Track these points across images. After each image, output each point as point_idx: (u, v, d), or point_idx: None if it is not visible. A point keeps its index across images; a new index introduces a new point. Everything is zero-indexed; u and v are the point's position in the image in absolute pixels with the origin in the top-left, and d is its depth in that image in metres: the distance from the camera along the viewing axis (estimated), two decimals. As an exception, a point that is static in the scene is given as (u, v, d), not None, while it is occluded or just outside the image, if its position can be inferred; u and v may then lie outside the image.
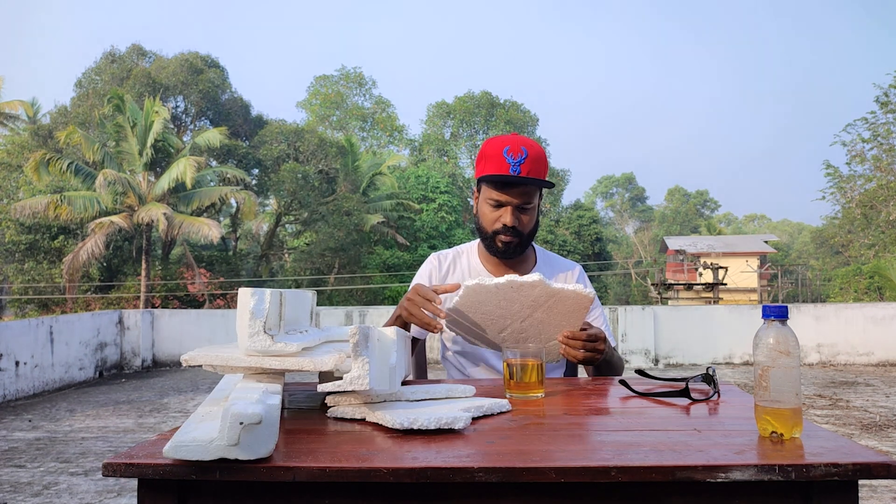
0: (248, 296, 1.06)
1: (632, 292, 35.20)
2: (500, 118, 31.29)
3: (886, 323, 10.76)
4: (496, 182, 1.66)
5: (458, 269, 1.84)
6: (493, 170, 1.65)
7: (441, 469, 0.84)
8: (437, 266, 1.85)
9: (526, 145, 1.65)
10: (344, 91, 34.48)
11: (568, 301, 1.43)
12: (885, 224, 17.65)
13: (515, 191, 1.66)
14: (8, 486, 4.58)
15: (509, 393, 1.30)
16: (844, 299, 20.79)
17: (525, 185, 1.66)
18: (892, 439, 5.73)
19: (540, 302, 1.43)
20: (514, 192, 1.66)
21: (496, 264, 1.80)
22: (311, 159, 22.70)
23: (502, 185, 1.66)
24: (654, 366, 10.88)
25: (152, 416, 7.10)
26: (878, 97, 17.51)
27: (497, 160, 1.64)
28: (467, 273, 1.82)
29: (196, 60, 22.85)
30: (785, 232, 59.95)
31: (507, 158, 1.63)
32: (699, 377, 1.35)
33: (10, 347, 8.43)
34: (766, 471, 0.83)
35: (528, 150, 1.64)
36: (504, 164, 1.63)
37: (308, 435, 1.02)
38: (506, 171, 1.63)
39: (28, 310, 19.22)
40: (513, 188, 1.66)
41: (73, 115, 20.88)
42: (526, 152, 1.64)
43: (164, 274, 19.37)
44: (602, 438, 0.98)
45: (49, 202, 16.11)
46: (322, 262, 22.72)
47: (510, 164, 1.63)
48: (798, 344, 0.96)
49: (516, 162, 1.63)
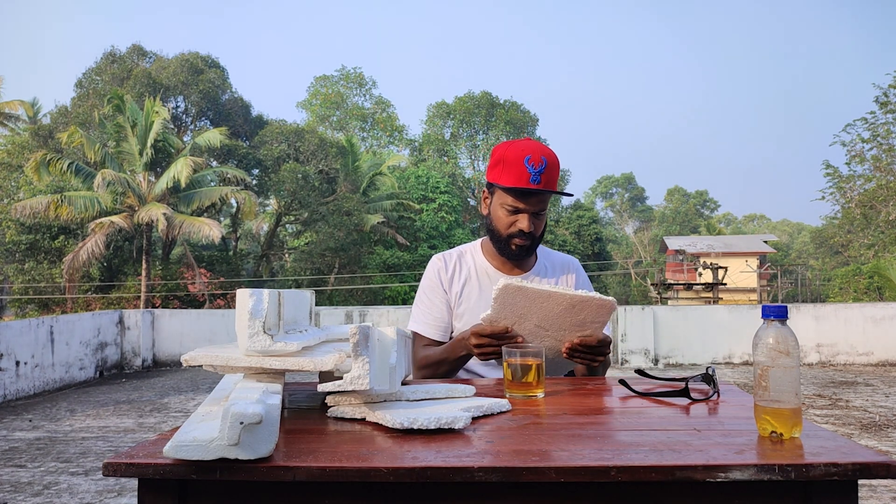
0: (247, 296, 1.06)
1: (631, 292, 35.20)
2: (500, 118, 31.29)
3: (886, 323, 10.76)
4: (517, 192, 1.67)
5: (464, 268, 1.86)
6: (514, 178, 1.66)
7: (441, 469, 0.84)
8: (444, 266, 1.87)
9: (545, 154, 1.66)
10: (344, 91, 34.49)
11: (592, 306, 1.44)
12: (885, 224, 17.65)
13: (533, 199, 1.68)
14: (8, 486, 4.58)
15: (509, 393, 1.30)
16: (844, 299, 20.80)
17: (543, 195, 1.69)
18: (891, 439, 5.73)
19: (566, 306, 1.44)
20: (533, 201, 1.69)
21: (502, 262, 1.83)
22: (312, 159, 22.70)
23: (522, 194, 1.67)
24: (654, 366, 10.88)
25: (152, 416, 7.10)
26: (878, 97, 17.54)
27: (517, 169, 1.65)
28: (473, 271, 1.85)
29: (196, 60, 22.84)
30: (785, 232, 59.95)
31: (528, 168, 1.64)
32: (699, 377, 1.35)
33: (11, 347, 8.43)
34: (765, 470, 0.83)
35: (547, 160, 1.65)
36: (525, 174, 1.64)
37: (308, 435, 1.02)
38: (526, 180, 1.64)
39: (28, 310, 19.22)
40: (531, 197, 1.68)
41: (74, 116, 20.88)
42: (546, 162, 1.65)
43: (164, 274, 19.37)
44: (602, 438, 0.98)
45: (49, 202, 16.11)
46: (322, 262, 22.72)
47: (531, 174, 1.64)
48: (798, 344, 0.96)
49: (537, 172, 1.64)
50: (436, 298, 1.83)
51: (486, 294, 1.81)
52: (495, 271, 1.83)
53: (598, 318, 1.46)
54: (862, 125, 18.03)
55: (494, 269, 1.83)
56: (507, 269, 1.83)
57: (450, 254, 1.90)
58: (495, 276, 1.82)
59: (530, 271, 1.83)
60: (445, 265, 1.87)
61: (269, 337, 1.05)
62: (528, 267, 1.84)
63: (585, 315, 1.45)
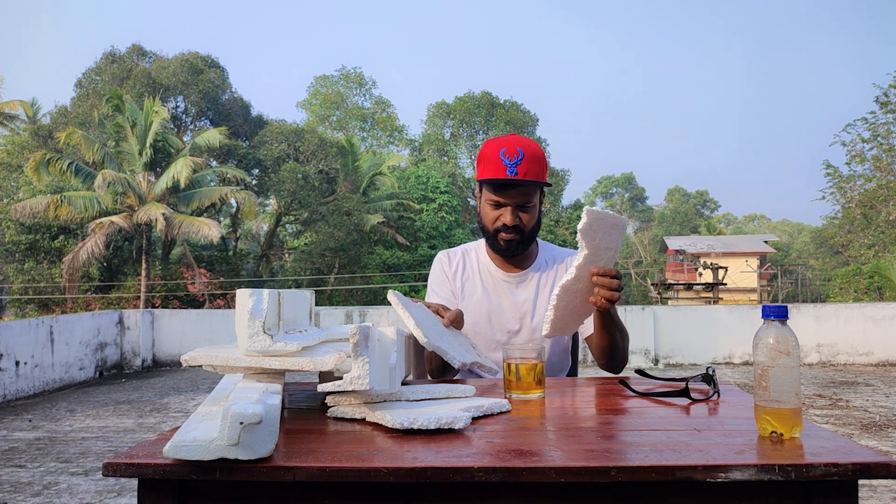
0: (247, 296, 1.06)
1: (632, 292, 35.18)
2: (500, 118, 31.27)
3: (886, 323, 10.76)
4: (494, 184, 1.67)
5: (467, 266, 1.87)
6: (491, 172, 1.66)
7: (441, 469, 0.84)
8: (448, 262, 1.89)
9: (522, 146, 1.66)
10: (344, 91, 34.48)
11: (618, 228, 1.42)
12: (885, 224, 17.65)
13: (513, 192, 1.68)
14: (8, 486, 4.58)
15: (509, 393, 1.30)
16: (844, 299, 20.79)
17: (522, 186, 1.68)
18: (891, 439, 5.73)
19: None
20: (512, 194, 1.68)
21: (503, 260, 1.84)
22: (312, 159, 22.69)
23: (500, 187, 1.68)
24: (654, 366, 10.88)
25: (152, 416, 7.10)
26: (878, 97, 17.53)
27: (494, 162, 1.66)
28: (477, 268, 1.86)
29: (196, 60, 22.84)
30: (785, 232, 59.94)
31: (503, 161, 1.64)
32: (699, 377, 1.35)
33: (11, 347, 8.43)
34: (765, 471, 0.83)
35: (524, 151, 1.65)
36: (500, 167, 1.64)
37: (308, 435, 1.02)
38: (502, 173, 1.64)
39: (28, 310, 19.22)
40: (510, 189, 1.68)
41: (73, 116, 20.88)
42: (522, 153, 1.64)
43: (164, 274, 19.36)
44: (602, 438, 0.98)
45: (49, 202, 16.11)
46: (322, 262, 22.72)
47: (506, 167, 1.64)
48: (798, 344, 0.96)
49: (513, 164, 1.64)
50: (443, 291, 1.85)
51: (488, 291, 1.82)
52: (497, 269, 1.84)
53: (612, 243, 1.43)
54: (862, 125, 18.04)
55: (496, 267, 1.84)
56: (507, 267, 1.83)
57: (454, 251, 1.92)
58: (497, 274, 1.83)
59: (529, 268, 1.83)
60: (449, 261, 1.89)
61: (269, 337, 1.05)
62: (527, 264, 1.84)
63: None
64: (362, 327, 1.04)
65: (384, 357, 1.15)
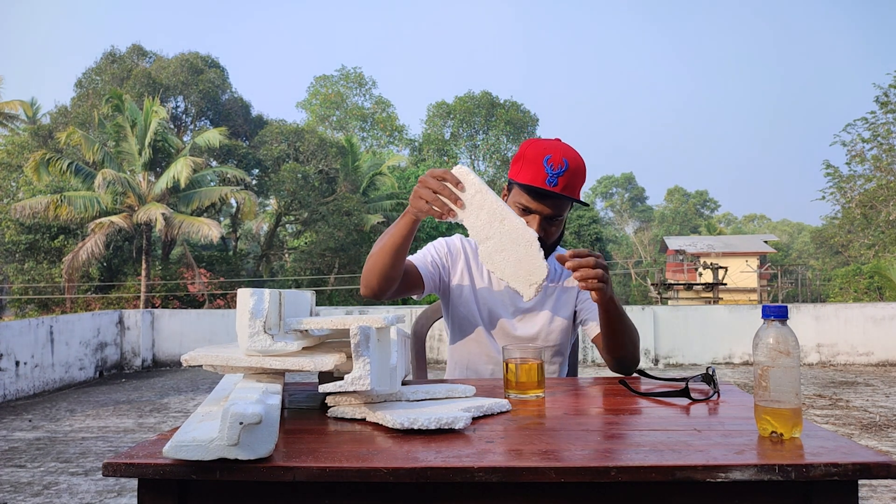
0: (248, 296, 1.06)
1: (631, 292, 35.19)
2: (500, 118, 31.28)
3: (886, 323, 10.75)
4: (530, 190, 1.59)
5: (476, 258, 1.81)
6: (529, 177, 1.57)
7: (441, 469, 0.84)
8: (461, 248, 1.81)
9: (568, 157, 1.58)
10: (344, 91, 34.49)
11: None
12: (885, 224, 17.65)
13: (548, 202, 1.59)
14: (8, 486, 4.58)
15: (509, 393, 1.30)
16: (844, 299, 20.78)
17: (558, 199, 1.60)
18: (892, 439, 5.73)
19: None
20: (547, 204, 1.60)
21: None
22: (311, 159, 22.69)
23: (535, 195, 1.59)
24: (654, 366, 10.88)
25: (152, 416, 7.10)
26: (878, 97, 17.53)
27: (535, 167, 1.57)
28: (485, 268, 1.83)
29: (196, 60, 22.84)
30: (785, 232, 59.93)
31: (546, 168, 1.55)
32: (699, 377, 1.35)
33: (11, 347, 8.43)
34: (765, 471, 0.83)
35: (569, 163, 1.57)
36: (541, 174, 1.56)
37: (308, 435, 1.02)
38: (542, 181, 1.55)
39: (28, 310, 19.21)
40: (545, 199, 1.59)
41: (73, 116, 20.87)
42: (567, 164, 1.56)
43: (164, 274, 19.36)
44: (602, 438, 0.98)
45: (49, 202, 16.11)
46: (322, 262, 22.71)
47: (548, 175, 1.55)
48: (798, 344, 0.96)
49: (555, 174, 1.55)
50: (436, 255, 1.77)
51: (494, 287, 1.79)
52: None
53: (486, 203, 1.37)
54: (862, 125, 18.04)
55: None
56: None
57: (471, 241, 1.83)
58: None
59: None
60: (463, 248, 1.81)
61: (270, 337, 1.05)
62: None
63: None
64: (363, 327, 1.04)
65: (385, 357, 1.15)
